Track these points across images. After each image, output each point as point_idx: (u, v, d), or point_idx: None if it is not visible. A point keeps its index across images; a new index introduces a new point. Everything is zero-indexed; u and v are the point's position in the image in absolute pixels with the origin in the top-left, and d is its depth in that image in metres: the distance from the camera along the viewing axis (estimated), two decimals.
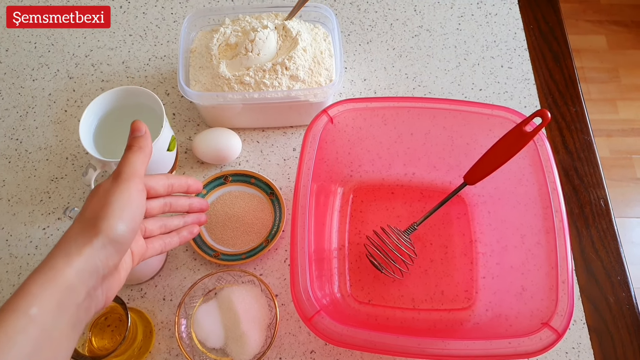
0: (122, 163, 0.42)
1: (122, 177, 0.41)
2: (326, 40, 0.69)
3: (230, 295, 0.57)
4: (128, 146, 0.43)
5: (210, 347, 0.57)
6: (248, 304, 0.57)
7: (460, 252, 0.64)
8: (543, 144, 0.56)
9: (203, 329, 0.57)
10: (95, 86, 0.75)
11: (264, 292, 0.58)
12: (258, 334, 0.56)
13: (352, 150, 0.64)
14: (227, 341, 0.57)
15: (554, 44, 0.79)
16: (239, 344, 0.56)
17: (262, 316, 0.57)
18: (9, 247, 0.64)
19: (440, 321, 0.60)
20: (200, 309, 0.59)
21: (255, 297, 0.58)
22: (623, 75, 1.68)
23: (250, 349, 0.55)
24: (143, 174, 0.43)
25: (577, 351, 0.59)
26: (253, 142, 0.71)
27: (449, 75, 0.76)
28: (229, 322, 0.57)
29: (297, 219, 0.53)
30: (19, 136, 0.71)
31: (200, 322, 0.57)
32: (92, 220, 0.38)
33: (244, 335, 0.55)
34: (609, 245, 0.65)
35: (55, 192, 0.68)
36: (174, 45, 0.78)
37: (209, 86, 0.65)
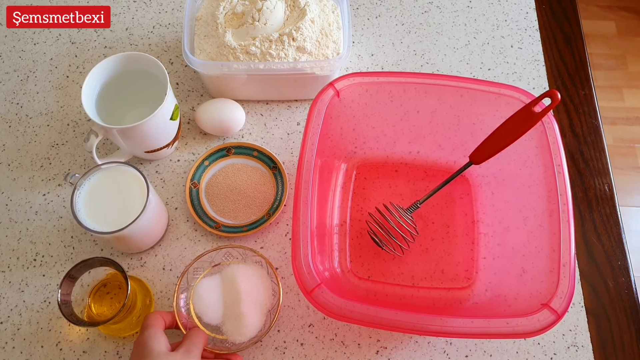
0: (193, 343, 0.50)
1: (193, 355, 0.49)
2: (334, 12, 0.68)
3: (235, 273, 0.56)
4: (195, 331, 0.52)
5: (207, 322, 0.56)
6: (252, 285, 0.56)
7: (462, 231, 0.64)
8: (551, 126, 0.56)
9: (202, 303, 0.56)
10: (98, 52, 0.74)
11: (270, 275, 0.57)
12: (257, 317, 0.55)
13: (357, 127, 0.64)
14: (225, 319, 0.55)
15: (565, 24, 0.78)
16: (236, 324, 0.54)
17: (265, 300, 0.56)
18: (8, 211, 0.64)
19: (439, 299, 0.60)
20: (202, 281, 0.57)
21: (260, 279, 0.57)
22: (631, 62, 1.66)
23: (247, 330, 0.54)
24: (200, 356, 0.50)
25: (574, 333, 0.59)
26: (257, 115, 0.70)
27: (457, 53, 0.75)
28: (230, 300, 0.55)
29: (299, 194, 0.52)
30: (20, 100, 0.70)
31: (201, 295, 0.56)
32: None
33: (243, 316, 0.54)
34: (611, 230, 0.65)
35: (56, 158, 0.67)
36: (178, 14, 0.77)
37: (213, 55, 0.64)
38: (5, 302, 0.60)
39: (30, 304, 0.59)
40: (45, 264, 0.61)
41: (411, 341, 0.59)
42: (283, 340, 0.58)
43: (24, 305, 0.59)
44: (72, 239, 0.62)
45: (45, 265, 0.61)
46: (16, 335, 0.58)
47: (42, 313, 0.59)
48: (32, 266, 0.61)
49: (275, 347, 0.58)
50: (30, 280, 0.61)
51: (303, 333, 0.59)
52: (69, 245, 0.62)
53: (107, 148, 0.68)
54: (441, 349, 0.58)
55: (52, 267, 0.61)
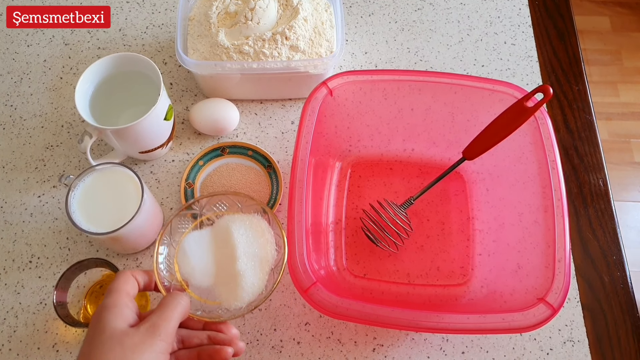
0: (163, 317, 0.38)
1: (159, 334, 0.37)
2: (327, 10, 0.68)
3: (230, 225, 0.46)
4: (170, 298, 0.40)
5: (196, 285, 0.45)
6: (250, 238, 0.46)
7: (457, 228, 0.64)
8: (545, 121, 0.56)
9: (189, 261, 0.46)
10: (92, 53, 0.74)
11: (273, 227, 0.47)
12: (257, 277, 0.45)
13: (351, 125, 0.64)
14: (218, 280, 0.45)
15: (559, 20, 0.78)
16: (232, 286, 0.45)
17: (266, 256, 0.46)
18: (3, 214, 0.64)
19: (435, 296, 0.60)
20: (189, 236, 0.47)
21: (260, 232, 0.47)
22: (625, 58, 1.66)
23: (244, 293, 0.44)
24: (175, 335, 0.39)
25: (570, 328, 0.59)
26: (251, 114, 0.70)
27: (451, 50, 0.75)
28: (224, 257, 0.46)
29: (294, 193, 0.52)
30: (14, 102, 0.70)
31: (188, 252, 0.46)
32: None
33: (239, 276, 0.45)
34: (606, 226, 0.65)
35: (51, 159, 0.67)
36: (172, 14, 0.77)
37: (207, 55, 0.64)
38: (1, 304, 0.59)
39: (26, 306, 0.59)
40: (40, 266, 0.61)
41: (407, 338, 0.59)
42: (279, 339, 0.58)
43: (20, 307, 0.59)
44: (67, 240, 0.62)
45: (41, 266, 0.61)
46: (12, 337, 0.58)
47: (38, 315, 0.59)
48: (27, 268, 0.61)
49: (272, 346, 0.58)
50: (26, 282, 0.60)
51: (299, 332, 0.59)
52: (65, 246, 0.62)
53: (101, 149, 0.68)
54: (437, 345, 0.58)
55: (47, 268, 0.61)
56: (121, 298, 0.38)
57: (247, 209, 0.48)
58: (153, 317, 0.38)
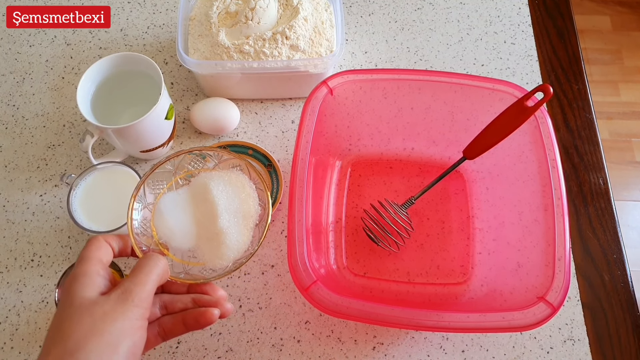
0: (137, 281, 0.34)
1: (132, 300, 0.33)
2: (327, 10, 0.68)
3: (208, 182, 0.43)
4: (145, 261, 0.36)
5: (176, 247, 0.42)
6: (230, 194, 0.43)
7: (457, 227, 0.64)
8: (545, 121, 0.56)
9: (167, 223, 0.42)
10: (93, 53, 0.74)
11: (255, 181, 0.44)
12: (241, 234, 0.43)
13: (351, 124, 0.64)
14: (199, 241, 0.43)
15: (558, 19, 0.78)
16: (214, 244, 0.42)
17: (248, 211, 0.43)
18: (5, 212, 0.64)
19: (435, 295, 0.61)
20: (165, 197, 0.43)
21: (240, 187, 0.44)
22: (626, 57, 1.66)
23: (228, 251, 0.42)
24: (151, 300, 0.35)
25: (571, 327, 0.59)
26: (251, 114, 0.70)
27: (451, 49, 0.75)
28: (203, 216, 0.43)
29: (294, 192, 0.52)
30: (16, 102, 0.71)
31: (165, 213, 0.42)
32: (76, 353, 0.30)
33: (222, 234, 0.42)
34: (606, 224, 0.65)
35: (52, 159, 0.67)
36: (172, 14, 0.77)
37: (207, 55, 0.64)
38: (4, 302, 0.60)
39: (28, 304, 0.60)
40: (42, 264, 0.61)
41: (408, 337, 0.59)
42: (280, 338, 0.58)
43: (22, 306, 0.60)
44: (69, 239, 0.63)
45: (43, 265, 0.61)
46: (14, 335, 0.58)
47: (40, 313, 0.59)
48: (29, 266, 0.61)
49: (272, 345, 0.58)
50: (28, 280, 0.61)
51: (299, 330, 0.59)
52: (66, 245, 0.62)
53: (102, 148, 0.68)
54: (437, 344, 0.59)
55: (49, 267, 0.61)
56: (92, 266, 0.35)
57: (224, 163, 0.45)
58: (126, 282, 0.34)
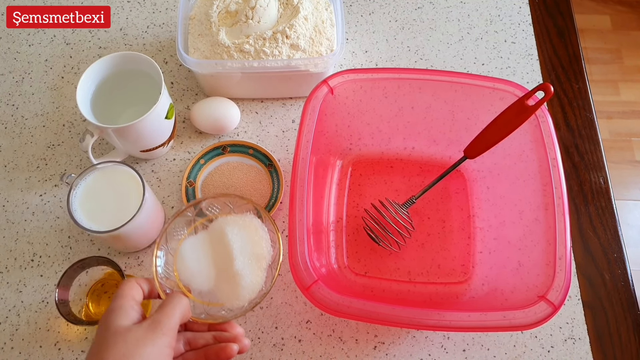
0: (164, 314, 0.39)
1: (161, 329, 0.38)
2: (328, 9, 0.68)
3: (224, 227, 0.47)
4: (170, 298, 0.41)
5: (197, 289, 0.47)
6: (245, 237, 0.47)
7: (457, 226, 0.64)
8: (545, 120, 0.56)
9: (188, 266, 0.47)
10: (93, 53, 0.74)
11: (266, 223, 0.48)
12: (256, 275, 0.47)
13: (351, 123, 0.64)
14: (218, 282, 0.46)
15: (559, 18, 0.78)
16: (232, 286, 0.46)
17: (262, 253, 0.47)
18: (5, 212, 0.64)
19: (436, 294, 0.61)
20: (186, 242, 0.48)
21: (254, 230, 0.48)
22: (626, 56, 1.66)
23: (245, 292, 0.46)
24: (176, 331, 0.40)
25: (571, 326, 0.59)
26: (252, 113, 0.70)
27: (451, 49, 0.75)
28: (221, 259, 0.47)
29: (295, 191, 0.52)
30: (15, 102, 0.71)
31: (186, 257, 0.47)
32: None
33: (238, 275, 0.46)
34: (606, 223, 0.65)
35: (52, 158, 0.67)
36: (172, 13, 0.77)
37: (208, 54, 0.64)
38: (4, 302, 0.60)
39: (28, 304, 0.59)
40: (42, 264, 0.61)
41: (409, 336, 0.59)
42: (281, 337, 0.58)
43: (22, 306, 0.59)
44: (69, 239, 0.63)
45: (43, 265, 0.61)
46: (15, 335, 0.58)
47: (40, 313, 0.59)
48: (29, 267, 0.61)
49: (274, 344, 0.58)
50: (28, 280, 0.61)
51: (301, 329, 0.59)
52: (66, 245, 0.62)
53: (102, 148, 0.68)
54: (439, 343, 0.59)
55: (49, 267, 0.61)
56: (127, 301, 0.40)
57: (238, 209, 0.49)
58: (154, 314, 0.40)
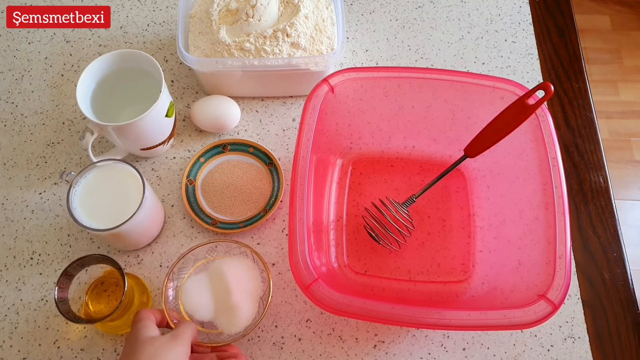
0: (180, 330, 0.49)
1: (180, 340, 0.48)
2: (328, 8, 0.68)
3: (222, 267, 0.56)
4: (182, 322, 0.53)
5: (199, 319, 0.55)
6: (240, 275, 0.56)
7: (458, 225, 0.64)
8: (545, 119, 0.56)
9: (192, 301, 0.56)
10: (93, 51, 0.74)
11: (257, 263, 0.57)
12: (250, 306, 0.55)
13: (352, 122, 0.64)
14: (217, 314, 0.55)
15: (559, 18, 0.78)
16: (230, 315, 0.54)
17: (255, 288, 0.56)
18: (5, 210, 0.64)
19: (436, 293, 0.61)
20: (189, 279, 0.57)
21: (247, 268, 0.57)
22: (626, 56, 1.66)
23: (241, 320, 0.54)
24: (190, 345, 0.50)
25: (571, 325, 0.60)
26: (252, 112, 0.70)
27: (451, 48, 0.75)
28: (220, 294, 0.55)
29: (295, 190, 0.52)
30: (15, 99, 0.70)
31: (189, 293, 0.56)
32: None
33: (235, 307, 0.54)
34: (606, 222, 0.65)
35: (52, 156, 0.67)
36: (172, 12, 0.77)
37: (208, 52, 0.64)
38: (3, 300, 0.59)
39: (28, 303, 0.59)
40: (42, 263, 0.61)
41: (409, 335, 0.59)
42: (281, 336, 0.58)
43: (21, 304, 0.59)
44: (68, 237, 0.62)
45: (42, 263, 0.61)
46: (14, 334, 0.58)
47: (39, 311, 0.59)
48: (29, 265, 0.61)
49: (273, 343, 0.58)
50: (27, 278, 0.61)
51: (300, 328, 0.59)
52: (66, 243, 0.62)
53: (102, 146, 0.68)
54: (439, 342, 0.59)
55: (49, 265, 0.61)
56: (149, 321, 0.50)
57: (234, 250, 0.58)
58: (172, 331, 0.49)
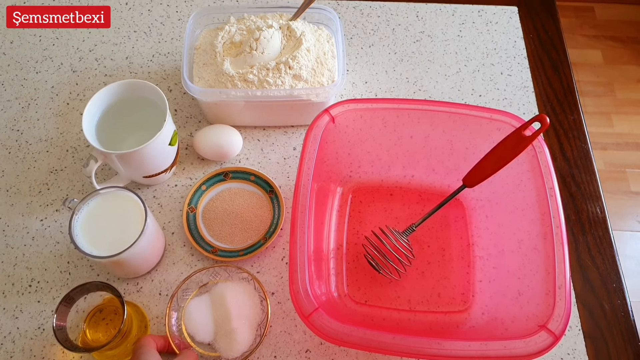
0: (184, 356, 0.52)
1: None
2: (329, 42, 0.70)
3: (224, 291, 0.58)
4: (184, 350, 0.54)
5: (199, 341, 0.57)
6: (241, 301, 0.57)
7: (457, 255, 0.64)
8: (542, 150, 0.57)
9: (193, 322, 0.57)
10: (98, 80, 0.75)
11: (258, 290, 0.58)
12: (248, 332, 0.56)
13: (352, 151, 0.65)
14: (217, 337, 0.56)
15: (552, 52, 0.80)
16: (228, 340, 0.55)
17: (254, 314, 0.57)
18: (5, 237, 0.64)
19: (436, 323, 0.60)
20: (192, 302, 0.58)
21: (248, 295, 0.58)
22: (618, 89, 1.70)
23: (239, 346, 0.55)
24: None
25: (572, 357, 0.59)
26: (254, 140, 0.71)
27: (449, 80, 0.77)
28: (220, 318, 0.57)
29: (296, 218, 0.53)
30: (20, 127, 0.71)
31: (191, 315, 0.57)
32: None
33: (234, 332, 0.55)
34: (605, 253, 0.66)
35: (54, 184, 0.67)
36: (177, 43, 0.79)
37: (212, 83, 0.66)
38: None
39: (24, 331, 0.59)
40: (40, 290, 0.61)
41: None
42: None
43: (18, 333, 0.59)
44: (68, 264, 0.62)
45: (41, 291, 0.61)
46: None
47: (35, 340, 0.58)
48: (27, 292, 0.61)
49: None
50: (24, 306, 0.60)
51: (300, 359, 0.58)
52: (65, 270, 0.62)
53: (105, 173, 0.68)
54: None
55: (47, 292, 0.61)
56: (151, 347, 0.52)
57: (236, 276, 0.59)
58: (175, 358, 0.52)
